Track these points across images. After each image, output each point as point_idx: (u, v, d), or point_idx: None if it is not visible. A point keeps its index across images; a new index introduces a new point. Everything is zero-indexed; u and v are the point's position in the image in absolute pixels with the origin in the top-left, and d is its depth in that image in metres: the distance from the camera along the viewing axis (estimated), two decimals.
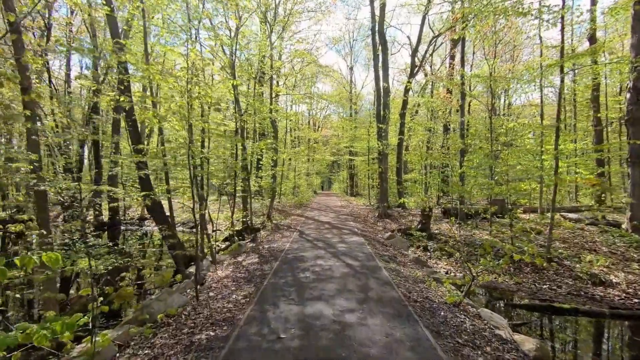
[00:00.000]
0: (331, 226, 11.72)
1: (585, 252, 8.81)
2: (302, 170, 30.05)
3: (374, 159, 24.87)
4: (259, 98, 14.45)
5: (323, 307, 4.11)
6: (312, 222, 13.06)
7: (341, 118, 33.17)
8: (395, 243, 9.32)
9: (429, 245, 9.90)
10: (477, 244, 9.67)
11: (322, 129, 41.49)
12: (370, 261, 6.55)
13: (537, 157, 10.99)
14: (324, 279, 5.25)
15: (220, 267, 6.62)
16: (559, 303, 6.37)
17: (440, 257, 9.24)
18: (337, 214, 15.81)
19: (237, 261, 6.99)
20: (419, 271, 6.52)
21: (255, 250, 7.86)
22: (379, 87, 15.10)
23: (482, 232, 10.80)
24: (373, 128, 23.50)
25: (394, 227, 12.58)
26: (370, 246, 8.20)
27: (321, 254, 7.07)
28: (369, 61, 31.90)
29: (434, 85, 27.36)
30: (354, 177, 35.10)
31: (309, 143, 37.86)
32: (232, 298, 4.51)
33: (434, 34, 22.68)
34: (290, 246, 8.07)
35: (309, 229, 11.13)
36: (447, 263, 8.92)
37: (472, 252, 9.27)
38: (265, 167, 19.31)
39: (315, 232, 10.41)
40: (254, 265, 6.45)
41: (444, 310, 4.33)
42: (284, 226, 12.36)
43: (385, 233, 11.50)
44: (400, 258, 7.51)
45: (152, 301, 4.02)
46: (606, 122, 17.09)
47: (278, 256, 7.04)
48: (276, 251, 7.62)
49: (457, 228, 11.40)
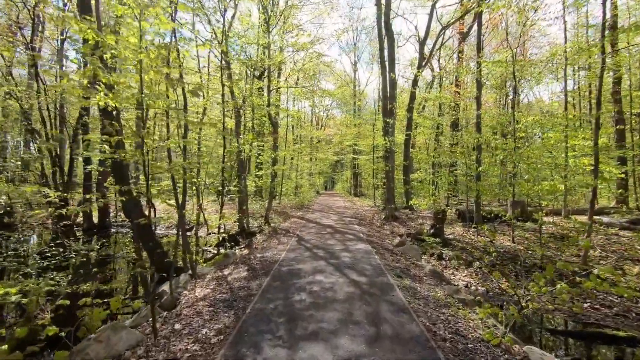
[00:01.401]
0: (334, 230, 10.63)
1: (628, 262, 7.65)
2: (304, 169, 28.98)
3: (379, 158, 23.75)
4: (257, 93, 13.42)
5: (321, 351, 3.03)
6: (313, 225, 11.99)
7: (344, 113, 32.12)
8: (406, 251, 8.21)
9: (444, 252, 8.78)
10: (500, 251, 8.53)
11: (325, 128, 40.41)
12: (380, 276, 5.46)
13: (556, 154, 9.82)
14: (323, 304, 4.16)
15: (201, 283, 5.57)
16: (611, 329, 5.24)
17: (457, 266, 8.11)
18: (341, 216, 14.72)
19: (222, 275, 5.93)
20: (438, 289, 5.41)
21: (245, 261, 6.79)
22: (385, 78, 13.97)
23: (503, 238, 9.64)
24: (379, 124, 22.37)
25: (403, 231, 11.46)
26: (379, 255, 7.11)
27: (321, 267, 5.99)
28: (373, 57, 30.79)
29: (441, 81, 26.21)
30: (357, 176, 33.97)
31: (312, 142, 36.80)
32: (201, 334, 3.44)
33: (442, 26, 21.57)
34: (286, 256, 6.99)
35: (309, 233, 10.05)
36: (467, 274, 7.79)
37: (492, 261, 8.14)
38: (265, 166, 18.27)
39: (316, 237, 9.33)
40: (240, 281, 5.39)
41: (483, 354, 3.22)
42: (283, 230, 11.30)
43: (393, 238, 10.39)
44: (415, 270, 6.40)
45: (88, 344, 2.97)
46: (630, 117, 15.80)
47: (270, 269, 5.97)
48: (269, 262, 6.55)
49: (474, 233, 10.27)
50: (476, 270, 7.91)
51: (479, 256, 8.52)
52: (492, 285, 7.17)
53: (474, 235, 10.08)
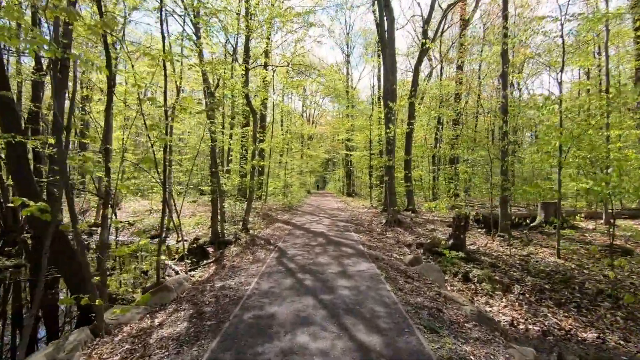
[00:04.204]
0: (326, 240, 8.47)
1: None
2: (294, 167, 26.75)
3: (375, 154, 21.71)
4: (238, 77, 11.15)
5: None
6: (300, 232, 9.81)
7: (337, 107, 29.99)
8: (424, 272, 6.10)
9: (470, 270, 6.71)
10: (546, 270, 6.50)
11: (317, 125, 38.21)
12: (403, 333, 3.31)
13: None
14: None
15: (106, 348, 3.33)
16: None
17: (491, 291, 6.04)
18: (334, 220, 12.57)
19: (148, 328, 3.70)
20: (501, 355, 3.28)
21: (194, 297, 4.56)
22: (385, 57, 11.88)
23: (543, 251, 7.62)
24: (375, 115, 20.29)
25: (410, 239, 9.39)
26: (391, 283, 4.98)
27: (307, 311, 3.83)
28: (367, 47, 28.70)
29: (442, 71, 24.37)
30: (351, 175, 31.92)
31: (303, 138, 34.56)
32: None
33: (442, 10, 19.67)
34: (258, 286, 4.79)
35: (295, 245, 7.87)
36: (506, 303, 5.72)
37: (539, 285, 6.10)
38: (249, 161, 15.98)
39: (303, 251, 7.15)
40: (170, 346, 3.18)
41: None
42: (263, 239, 9.10)
43: (400, 249, 8.29)
44: (450, 312, 4.27)
45: None
46: None
47: (227, 316, 3.77)
48: (229, 300, 4.34)
49: (502, 243, 8.23)
50: (518, 298, 5.86)
51: (517, 276, 6.47)
52: (547, 322, 5.13)
53: (502, 247, 8.05)
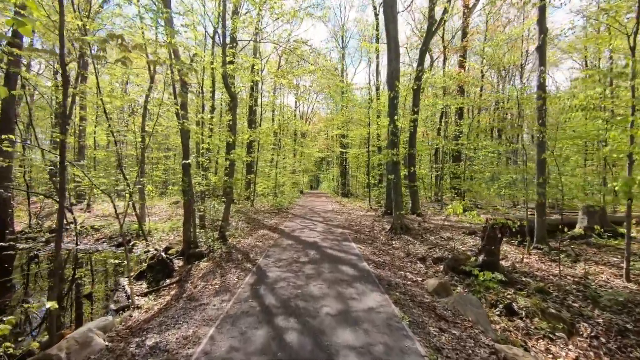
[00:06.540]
0: (320, 255, 6.68)
1: None
2: (286, 165, 24.88)
3: (373, 152, 20.00)
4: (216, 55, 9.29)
5: None
6: (288, 243, 8.00)
7: (331, 105, 28.19)
8: (460, 308, 4.35)
9: (513, 299, 4.97)
10: (617, 300, 4.80)
11: (310, 123, 36.36)
12: None
13: None
14: None
15: None
16: None
17: (550, 332, 4.29)
18: (329, 226, 10.79)
19: None
20: None
21: None
22: (389, 35, 10.12)
23: (600, 269, 5.91)
24: (375, 108, 18.55)
25: (422, 250, 7.66)
26: (420, 336, 3.21)
27: None
28: (364, 38, 26.99)
29: (445, 62, 22.79)
30: (346, 174, 30.19)
31: (296, 136, 32.71)
32: None
33: None
34: (209, 349, 2.99)
35: (280, 263, 6.05)
36: (576, 352, 4.00)
37: (615, 323, 4.39)
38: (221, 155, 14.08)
39: (289, 273, 5.35)
40: None
41: None
42: (241, 252, 7.28)
43: (414, 266, 6.54)
44: None
45: None
46: None
47: None
48: None
49: (543, 258, 6.52)
50: (591, 344, 4.13)
51: (580, 309, 4.76)
52: None
53: (543, 263, 6.34)
